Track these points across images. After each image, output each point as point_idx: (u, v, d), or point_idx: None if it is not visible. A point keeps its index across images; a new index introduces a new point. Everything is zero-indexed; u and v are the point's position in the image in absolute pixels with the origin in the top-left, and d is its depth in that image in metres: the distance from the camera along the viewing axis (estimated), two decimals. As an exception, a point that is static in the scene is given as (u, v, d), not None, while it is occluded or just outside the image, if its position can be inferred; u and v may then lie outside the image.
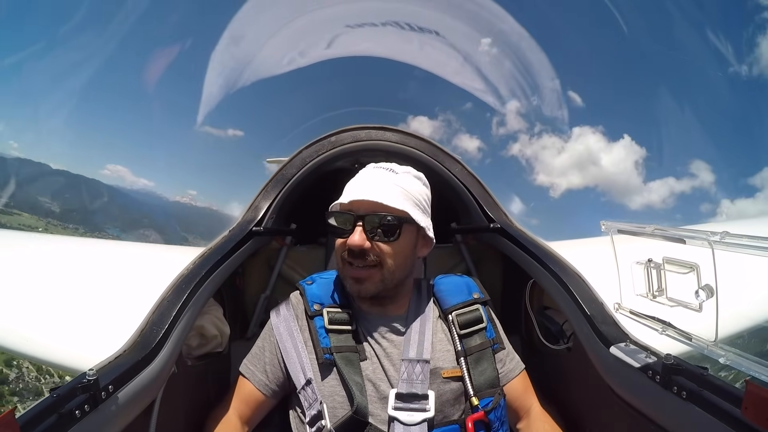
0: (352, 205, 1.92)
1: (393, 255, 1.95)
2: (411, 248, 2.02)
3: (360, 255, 1.92)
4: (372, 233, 1.90)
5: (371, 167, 2.07)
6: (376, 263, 1.94)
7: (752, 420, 1.19)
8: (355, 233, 1.89)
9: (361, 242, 1.88)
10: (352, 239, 1.89)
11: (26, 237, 9.43)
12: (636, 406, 1.71)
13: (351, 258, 1.94)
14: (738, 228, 1.65)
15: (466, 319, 2.09)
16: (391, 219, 1.89)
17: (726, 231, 1.33)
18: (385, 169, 2.04)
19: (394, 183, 1.96)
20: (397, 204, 1.89)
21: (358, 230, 1.90)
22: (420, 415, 1.84)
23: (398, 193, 1.93)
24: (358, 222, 1.90)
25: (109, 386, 1.40)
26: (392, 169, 2.04)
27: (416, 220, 1.92)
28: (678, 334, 1.57)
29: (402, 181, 1.99)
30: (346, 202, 1.92)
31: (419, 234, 2.04)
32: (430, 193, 2.12)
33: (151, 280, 2.72)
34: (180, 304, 1.85)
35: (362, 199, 1.89)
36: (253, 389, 2.04)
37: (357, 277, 1.96)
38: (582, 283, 2.10)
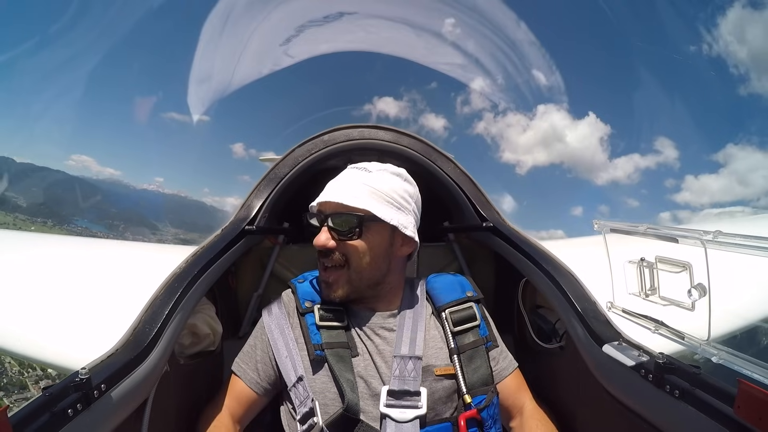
0: (321, 206, 1.97)
1: (358, 254, 1.97)
2: (383, 247, 2.02)
3: (326, 254, 1.96)
4: (337, 233, 1.93)
5: (348, 168, 2.10)
6: (343, 263, 1.97)
7: (744, 419, 1.19)
8: (321, 233, 1.95)
9: (325, 242, 1.94)
10: (317, 239, 1.95)
11: (17, 236, 9.41)
12: (628, 405, 1.71)
13: (321, 258, 2.00)
14: (730, 227, 1.66)
15: (459, 317, 2.09)
16: (350, 217, 1.92)
17: (719, 230, 1.33)
18: (359, 168, 2.06)
19: (362, 182, 1.98)
20: (358, 203, 1.91)
21: (324, 230, 1.94)
22: (412, 412, 1.84)
23: (363, 192, 1.95)
24: (324, 222, 1.95)
25: (102, 385, 1.40)
26: (366, 168, 2.05)
27: (380, 216, 1.92)
28: (671, 333, 1.57)
29: (373, 179, 2.00)
30: (315, 204, 1.98)
31: (394, 233, 2.03)
32: (417, 191, 2.13)
33: (143, 278, 2.72)
34: (172, 303, 1.84)
35: (327, 201, 1.94)
36: (244, 387, 2.04)
37: (326, 280, 2.01)
38: (574, 281, 2.10)
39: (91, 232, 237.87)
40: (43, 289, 4.49)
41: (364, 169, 2.04)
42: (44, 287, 4.54)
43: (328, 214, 1.94)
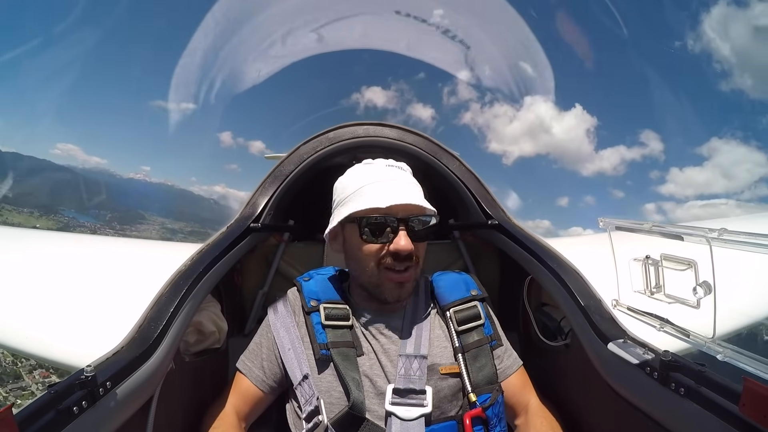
0: (391, 210, 1.89)
1: (423, 254, 2.00)
2: None
3: (407, 259, 1.92)
4: (415, 235, 1.91)
5: (383, 165, 2.06)
6: (415, 263, 1.97)
7: (749, 416, 1.19)
8: (400, 237, 1.88)
9: (410, 246, 1.88)
10: (399, 244, 1.88)
11: (22, 234, 9.41)
12: (634, 402, 1.71)
13: (397, 263, 1.93)
14: (735, 225, 1.65)
15: (464, 316, 2.09)
16: (429, 220, 1.94)
17: (724, 228, 1.33)
18: (396, 167, 2.04)
19: (412, 183, 2.00)
20: (428, 205, 1.92)
21: (403, 234, 1.89)
22: (417, 410, 1.84)
23: (421, 193, 1.97)
24: (401, 225, 1.90)
25: (107, 382, 1.40)
26: (401, 167, 2.05)
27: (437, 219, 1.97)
28: (676, 330, 1.57)
29: (413, 179, 2.03)
30: (384, 207, 1.87)
31: None
32: (424, 189, 2.11)
33: (148, 276, 2.72)
34: (178, 301, 1.85)
35: (404, 204, 1.87)
36: (250, 385, 2.05)
37: (401, 281, 1.96)
38: (580, 279, 2.10)
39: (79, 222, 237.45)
40: (49, 287, 4.49)
41: (400, 168, 2.05)
42: (50, 285, 4.54)
43: (407, 217, 1.90)
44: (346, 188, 2.02)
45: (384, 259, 1.93)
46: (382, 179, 1.98)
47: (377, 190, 1.93)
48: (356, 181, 2.00)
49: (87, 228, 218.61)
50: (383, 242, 1.90)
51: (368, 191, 1.94)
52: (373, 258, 1.94)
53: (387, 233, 1.89)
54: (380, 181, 1.97)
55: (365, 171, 2.04)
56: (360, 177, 2.01)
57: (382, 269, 1.94)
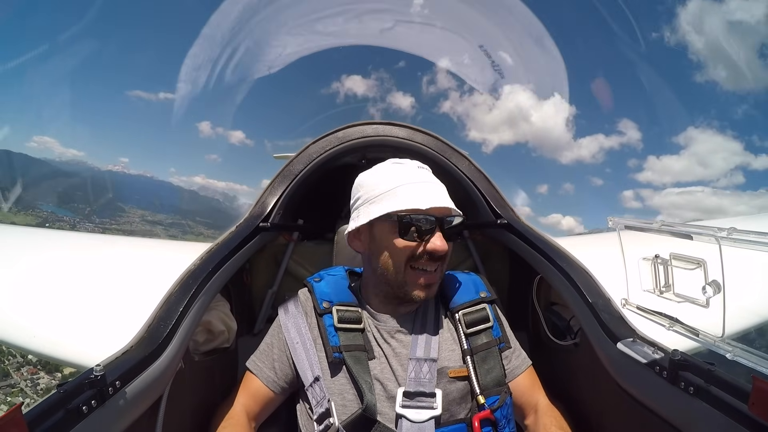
0: (431, 211, 1.90)
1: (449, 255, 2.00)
2: None
3: (440, 259, 1.94)
4: (446, 236, 1.92)
5: (414, 167, 2.06)
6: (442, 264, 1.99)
7: (759, 415, 1.19)
8: (437, 237, 1.90)
9: (445, 246, 1.90)
10: (436, 244, 1.89)
11: (32, 233, 9.45)
12: (643, 402, 1.71)
13: (430, 263, 1.94)
14: (744, 224, 1.65)
15: (472, 319, 2.09)
16: (460, 221, 1.96)
17: (733, 227, 1.33)
18: (426, 169, 2.06)
19: (442, 185, 2.01)
20: (455, 207, 1.95)
21: (440, 234, 1.90)
22: (427, 412, 1.85)
23: (448, 195, 1.99)
24: (438, 226, 1.91)
25: (117, 382, 1.41)
26: (429, 169, 2.07)
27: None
28: (685, 329, 1.57)
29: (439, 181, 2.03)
30: (424, 208, 1.88)
31: None
32: None
33: (158, 275, 2.73)
34: (187, 300, 1.85)
35: (442, 206, 1.91)
36: (260, 385, 2.05)
37: (430, 282, 1.97)
38: (589, 278, 2.10)
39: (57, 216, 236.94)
40: (58, 286, 4.50)
41: (429, 171, 2.06)
42: (58, 284, 4.55)
43: (441, 218, 1.92)
44: (376, 186, 2.00)
45: (416, 259, 1.94)
46: (416, 180, 1.99)
47: (415, 191, 1.94)
48: (389, 180, 2.00)
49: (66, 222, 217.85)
50: (419, 242, 1.91)
51: (404, 191, 1.94)
52: (405, 257, 1.94)
53: (424, 233, 1.90)
54: (416, 183, 1.97)
55: (399, 171, 2.03)
56: (394, 176, 2.01)
57: (410, 269, 1.96)
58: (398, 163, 2.08)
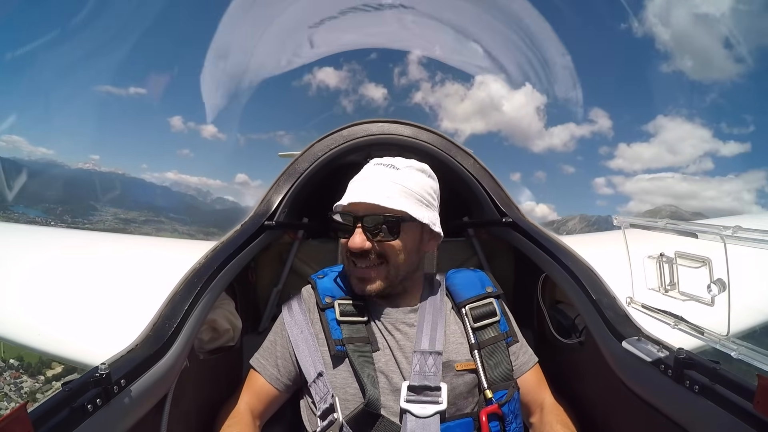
0: (351, 207, 1.93)
1: (396, 253, 1.97)
2: (415, 244, 2.03)
3: (362, 256, 1.95)
4: (372, 233, 1.92)
5: (373, 164, 2.07)
6: (380, 262, 1.97)
7: (764, 414, 1.19)
8: (355, 235, 1.92)
9: (361, 244, 1.91)
10: (353, 241, 1.92)
11: (38, 231, 9.48)
12: (648, 400, 1.71)
13: (354, 258, 1.97)
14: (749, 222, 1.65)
15: (479, 313, 2.09)
16: (388, 218, 1.91)
17: (738, 225, 1.33)
18: (386, 165, 2.03)
19: (393, 181, 1.95)
20: (395, 204, 1.89)
21: (358, 231, 1.92)
22: (432, 407, 1.83)
23: (397, 192, 1.93)
24: (357, 223, 1.92)
25: (122, 380, 1.42)
26: (393, 164, 2.03)
27: (416, 217, 1.92)
28: (690, 328, 1.57)
29: (403, 177, 1.98)
30: (345, 204, 1.94)
31: (423, 229, 2.04)
32: (438, 185, 2.12)
33: (163, 274, 2.74)
34: (192, 298, 1.86)
35: (360, 201, 1.90)
36: (264, 383, 2.06)
37: (361, 276, 1.99)
38: (594, 277, 2.10)
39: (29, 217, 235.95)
40: (62, 285, 4.52)
41: (391, 166, 2.02)
42: (63, 282, 4.57)
43: (362, 215, 1.92)
44: None
45: (347, 253, 2.00)
46: (360, 178, 2.03)
47: (351, 188, 2.00)
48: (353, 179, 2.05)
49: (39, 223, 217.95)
50: (347, 238, 1.96)
51: (347, 189, 2.01)
52: (343, 252, 2.03)
53: (349, 231, 1.94)
54: (357, 180, 2.02)
55: (361, 171, 2.07)
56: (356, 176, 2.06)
57: (350, 262, 2.01)
58: (369, 163, 2.10)
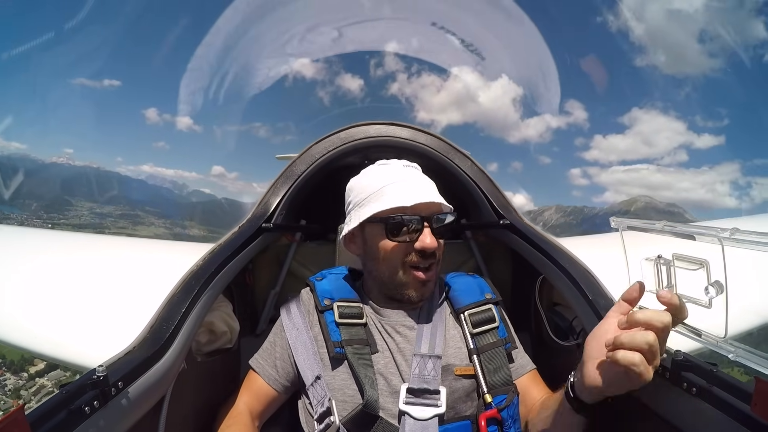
0: (417, 208, 1.91)
1: (442, 252, 2.02)
2: None
3: (432, 256, 1.95)
4: (436, 233, 1.93)
5: (400, 166, 2.08)
6: (436, 262, 1.99)
7: (761, 416, 1.19)
8: (425, 235, 1.91)
9: (435, 243, 1.91)
10: (425, 241, 1.90)
11: (34, 233, 9.47)
12: (645, 402, 1.71)
13: (423, 261, 1.95)
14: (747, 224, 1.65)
15: (478, 319, 2.09)
16: (450, 218, 1.96)
17: (736, 227, 1.33)
18: (413, 167, 2.07)
19: (430, 181, 2.02)
20: (445, 202, 1.94)
21: (428, 231, 1.91)
22: (431, 410, 1.84)
23: (437, 192, 1.98)
24: (425, 223, 1.91)
25: (119, 382, 1.42)
26: (416, 167, 2.08)
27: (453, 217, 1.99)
28: (687, 330, 1.57)
29: (429, 179, 2.05)
30: (409, 206, 1.90)
31: None
32: (438, 188, 2.12)
33: (160, 276, 2.74)
34: (189, 300, 1.86)
35: (427, 202, 1.91)
36: (263, 384, 2.06)
37: (426, 280, 1.98)
38: (591, 279, 2.10)
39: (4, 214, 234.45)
40: (60, 287, 4.51)
41: (416, 168, 2.07)
42: (60, 284, 4.55)
43: (430, 215, 1.93)
44: (364, 189, 2.03)
45: (409, 258, 1.95)
46: (402, 179, 2.00)
47: (400, 189, 1.95)
48: (376, 181, 2.02)
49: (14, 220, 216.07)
50: (408, 241, 1.92)
51: (390, 191, 1.96)
52: (399, 257, 1.97)
53: (412, 232, 1.91)
54: (401, 181, 1.99)
55: (384, 172, 2.06)
56: (379, 178, 2.03)
57: (407, 268, 1.97)
58: (384, 164, 2.10)
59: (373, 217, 1.95)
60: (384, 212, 1.93)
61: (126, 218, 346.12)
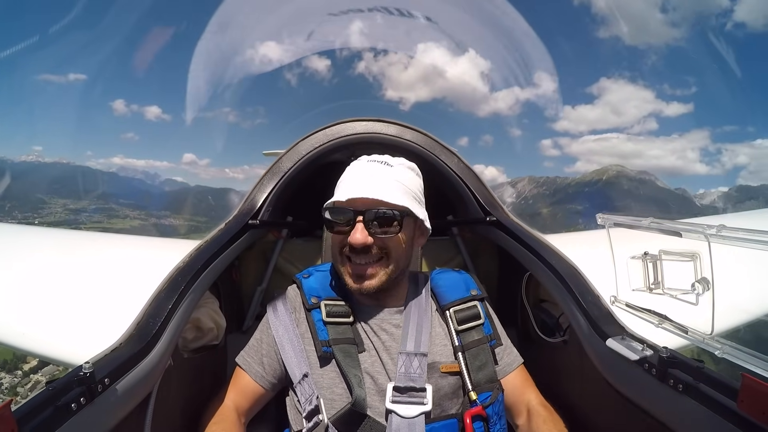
0: (351, 203, 1.90)
1: (398, 246, 1.97)
2: (410, 239, 2.03)
3: (363, 251, 1.92)
4: (372, 228, 1.90)
5: (365, 161, 2.06)
6: (381, 257, 1.95)
7: (747, 413, 1.19)
8: (356, 230, 1.89)
9: (363, 238, 1.88)
10: (354, 236, 1.88)
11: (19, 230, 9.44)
12: (632, 399, 1.71)
13: (353, 254, 1.94)
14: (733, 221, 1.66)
15: (463, 316, 2.08)
16: (393, 213, 1.90)
17: (722, 224, 1.33)
18: (379, 162, 2.02)
19: (390, 177, 1.96)
20: (398, 200, 1.88)
21: (359, 226, 1.89)
22: (417, 408, 1.83)
23: (396, 188, 1.93)
24: (358, 217, 1.90)
25: (105, 379, 1.41)
26: (387, 162, 2.02)
27: (414, 212, 1.94)
28: (674, 327, 1.57)
29: (399, 174, 1.98)
30: (343, 200, 1.90)
31: (416, 225, 2.05)
32: (424, 185, 2.12)
33: (146, 272, 2.72)
34: (176, 297, 1.85)
35: (362, 197, 1.88)
36: (250, 381, 2.05)
37: (359, 273, 1.95)
38: (578, 275, 2.10)
39: None
40: (47, 284, 4.49)
41: (385, 163, 2.02)
42: (47, 282, 4.54)
43: (364, 210, 1.90)
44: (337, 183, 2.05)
45: (344, 250, 1.96)
46: (356, 174, 2.00)
47: (346, 184, 1.97)
48: (342, 176, 2.04)
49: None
50: (344, 234, 1.93)
51: (340, 186, 1.99)
52: (336, 250, 2.00)
53: (347, 226, 1.92)
54: (353, 176, 2.00)
55: (351, 167, 2.06)
56: (345, 173, 2.05)
57: (345, 260, 1.98)
58: (357, 160, 2.10)
59: (324, 210, 1.98)
60: (326, 206, 1.97)
61: (100, 212, 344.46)
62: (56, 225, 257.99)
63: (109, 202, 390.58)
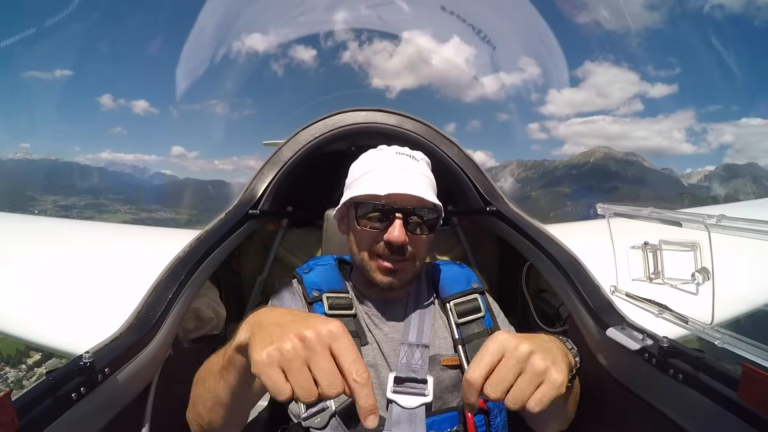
0: (390, 198, 1.86)
1: (425, 248, 1.97)
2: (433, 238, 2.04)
3: (398, 250, 1.90)
4: (410, 227, 1.89)
5: (392, 152, 2.04)
6: (411, 257, 1.94)
7: (747, 402, 1.19)
8: (394, 227, 1.86)
9: (403, 238, 1.85)
10: (393, 234, 1.85)
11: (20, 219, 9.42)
12: (632, 389, 1.71)
13: (389, 253, 1.91)
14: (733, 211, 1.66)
15: (464, 309, 2.08)
16: (431, 214, 1.91)
17: (722, 214, 1.33)
18: (407, 155, 2.02)
19: (421, 173, 1.96)
20: (433, 198, 1.88)
21: (398, 223, 1.86)
22: (418, 399, 1.82)
23: (428, 185, 1.93)
24: (397, 214, 1.87)
25: (106, 369, 1.41)
26: (413, 156, 2.02)
27: (441, 212, 1.95)
28: (674, 317, 1.57)
29: (425, 170, 1.99)
30: (382, 194, 1.84)
31: None
32: None
33: (147, 262, 2.73)
34: (176, 287, 1.85)
35: (406, 193, 1.84)
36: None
37: (393, 268, 1.93)
38: (578, 265, 2.10)
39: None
40: (47, 274, 4.50)
41: (412, 158, 2.01)
42: (48, 271, 4.55)
43: (403, 207, 1.87)
44: (354, 172, 2.03)
45: (376, 247, 1.92)
46: (386, 166, 1.97)
47: (380, 176, 1.92)
48: (365, 165, 2.01)
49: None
50: (378, 230, 1.89)
51: (372, 177, 1.93)
52: (366, 244, 1.95)
53: (383, 221, 1.88)
54: (385, 168, 1.96)
55: (375, 156, 2.04)
56: (369, 162, 2.02)
57: (374, 256, 1.94)
58: (380, 149, 2.07)
59: (350, 201, 1.94)
60: (360, 197, 1.91)
61: (91, 208, 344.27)
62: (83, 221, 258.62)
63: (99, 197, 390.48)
